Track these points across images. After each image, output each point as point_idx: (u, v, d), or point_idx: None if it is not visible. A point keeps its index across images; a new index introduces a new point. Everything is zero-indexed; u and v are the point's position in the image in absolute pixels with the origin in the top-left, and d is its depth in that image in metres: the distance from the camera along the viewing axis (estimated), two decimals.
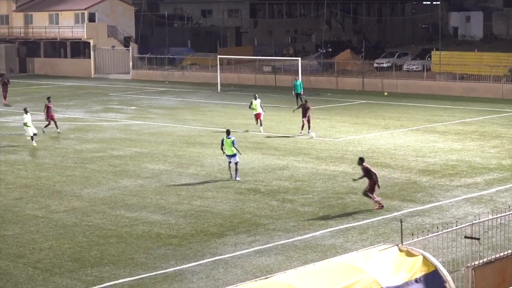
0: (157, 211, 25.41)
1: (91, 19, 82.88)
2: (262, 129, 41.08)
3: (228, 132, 30.22)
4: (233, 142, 29.44)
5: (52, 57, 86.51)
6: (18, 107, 52.37)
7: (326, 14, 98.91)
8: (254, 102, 41.55)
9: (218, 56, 67.98)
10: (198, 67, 77.65)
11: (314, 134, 39.16)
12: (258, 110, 41.37)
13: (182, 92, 64.11)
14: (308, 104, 39.75)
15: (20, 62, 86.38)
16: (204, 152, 35.58)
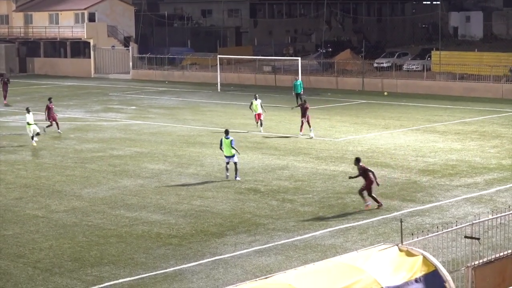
0: (157, 211, 25.40)
1: (91, 19, 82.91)
2: (262, 129, 41.09)
3: (226, 132, 30.06)
4: (231, 142, 29.20)
5: (52, 57, 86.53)
6: (18, 107, 52.42)
7: (326, 14, 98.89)
8: (254, 102, 41.52)
9: (218, 56, 67.99)
10: (198, 67, 77.63)
11: (313, 134, 39.14)
12: (258, 110, 41.36)
13: (182, 92, 64.11)
14: (307, 104, 39.70)
15: (20, 62, 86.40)
16: (204, 152, 35.58)
